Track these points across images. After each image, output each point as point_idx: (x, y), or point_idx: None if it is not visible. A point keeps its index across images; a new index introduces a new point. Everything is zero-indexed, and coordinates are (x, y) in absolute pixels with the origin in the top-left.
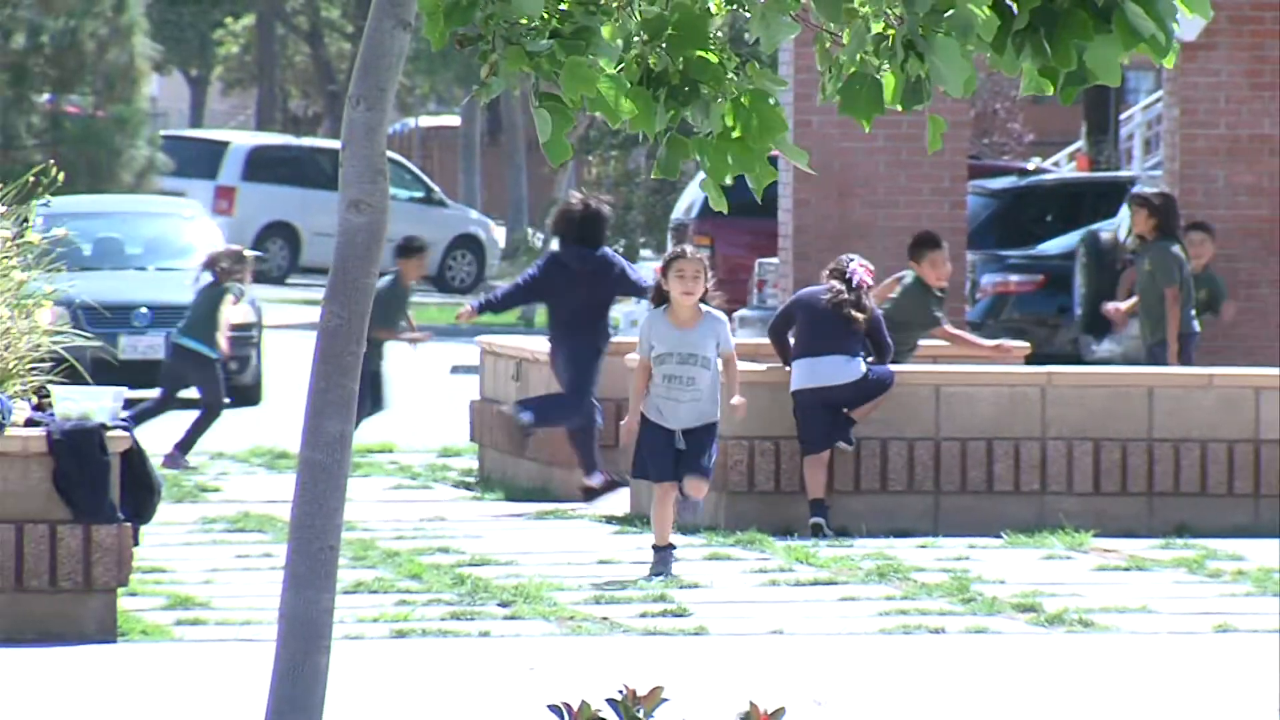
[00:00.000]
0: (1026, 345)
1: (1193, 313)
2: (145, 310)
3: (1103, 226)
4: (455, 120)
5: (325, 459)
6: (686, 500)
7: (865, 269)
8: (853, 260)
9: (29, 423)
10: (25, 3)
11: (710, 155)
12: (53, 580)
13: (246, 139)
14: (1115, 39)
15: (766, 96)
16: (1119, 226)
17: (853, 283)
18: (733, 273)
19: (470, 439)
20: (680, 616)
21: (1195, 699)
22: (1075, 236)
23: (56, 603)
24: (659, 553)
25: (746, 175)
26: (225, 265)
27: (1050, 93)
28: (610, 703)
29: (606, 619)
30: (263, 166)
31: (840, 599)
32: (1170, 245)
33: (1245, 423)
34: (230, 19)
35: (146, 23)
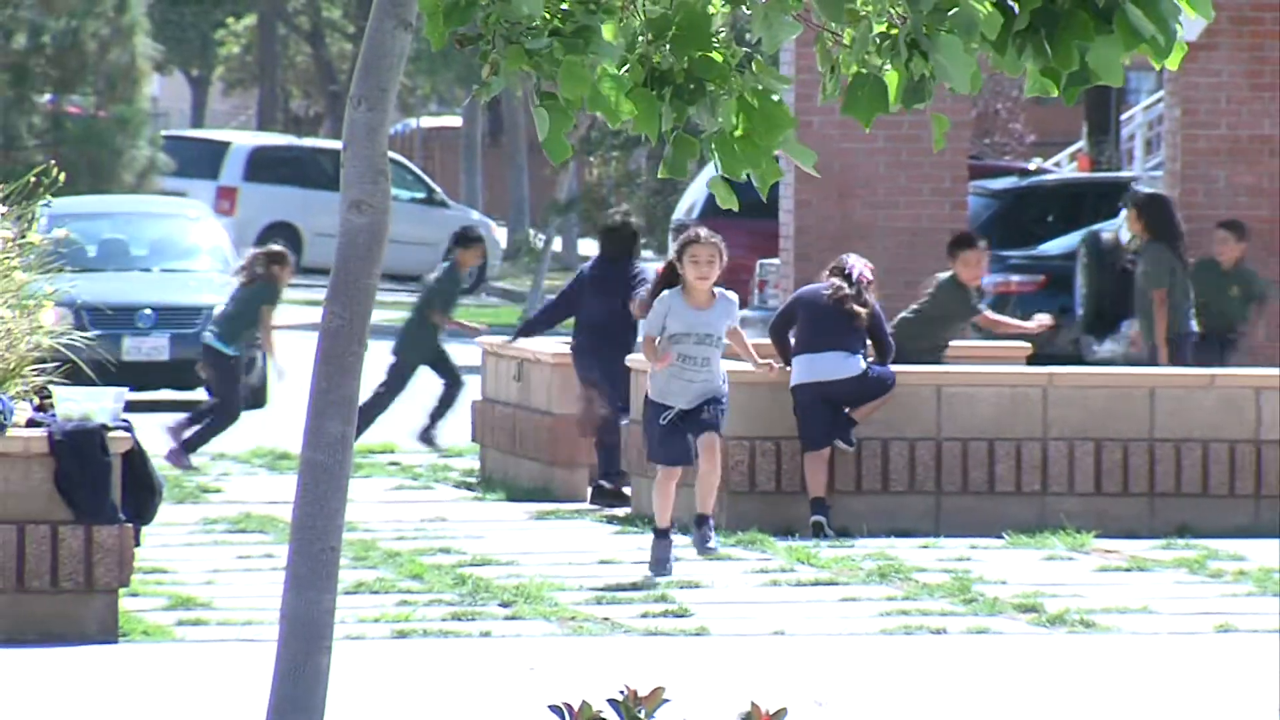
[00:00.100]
0: (1050, 319)
1: (1191, 313)
2: (149, 311)
3: (1104, 227)
4: (457, 121)
5: (327, 460)
6: (701, 531)
7: (866, 266)
8: (850, 257)
9: (30, 423)
10: (27, 3)
11: (721, 152)
12: (54, 581)
13: (248, 139)
14: (1116, 39)
15: (771, 93)
16: (1120, 227)
17: (853, 278)
18: (733, 273)
19: (472, 439)
20: (681, 617)
21: (1196, 699)
22: (1076, 237)
23: (58, 603)
24: (658, 538)
25: (752, 173)
26: (259, 269)
27: (1054, 94)
28: (611, 703)
29: (607, 619)
30: (264, 167)
31: (841, 599)
32: (1161, 247)
33: (1246, 423)
34: (231, 19)
35: (148, 23)
